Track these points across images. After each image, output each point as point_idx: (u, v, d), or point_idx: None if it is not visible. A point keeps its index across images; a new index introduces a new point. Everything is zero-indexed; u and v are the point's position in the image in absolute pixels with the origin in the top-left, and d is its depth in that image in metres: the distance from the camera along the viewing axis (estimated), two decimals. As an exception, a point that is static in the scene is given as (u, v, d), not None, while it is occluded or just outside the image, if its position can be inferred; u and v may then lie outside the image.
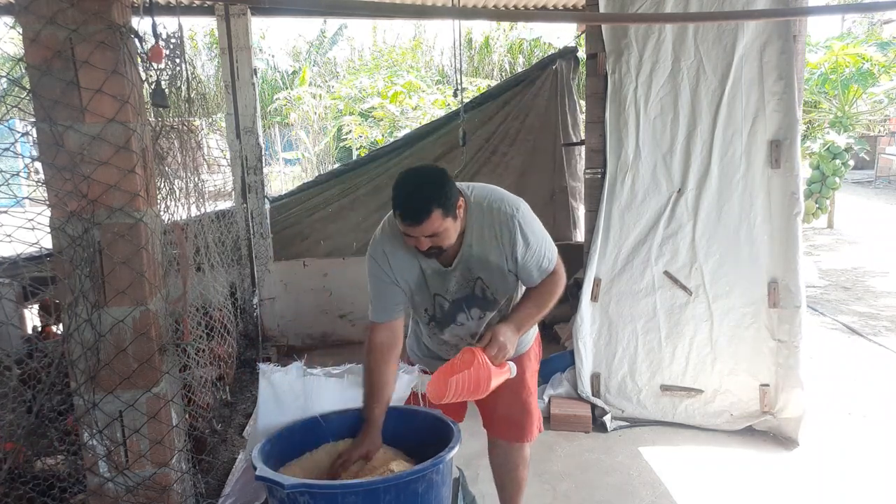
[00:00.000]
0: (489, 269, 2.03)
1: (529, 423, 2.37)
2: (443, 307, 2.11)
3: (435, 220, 1.83)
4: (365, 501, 1.56)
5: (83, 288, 1.82)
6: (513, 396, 2.29)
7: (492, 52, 15.02)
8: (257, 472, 1.62)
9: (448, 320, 2.14)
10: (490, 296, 2.08)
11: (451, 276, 2.04)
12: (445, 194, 1.85)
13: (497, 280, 2.06)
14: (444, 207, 1.84)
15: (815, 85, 9.96)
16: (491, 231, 1.99)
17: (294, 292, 5.26)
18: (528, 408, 2.35)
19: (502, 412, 2.33)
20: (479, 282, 2.05)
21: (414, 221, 1.83)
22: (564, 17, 6.04)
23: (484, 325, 2.14)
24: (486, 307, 2.12)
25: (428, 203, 1.82)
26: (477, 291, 2.07)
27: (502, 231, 1.98)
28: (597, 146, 3.69)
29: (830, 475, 3.17)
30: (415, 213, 1.83)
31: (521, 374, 2.24)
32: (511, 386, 2.17)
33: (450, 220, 1.88)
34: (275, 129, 16.21)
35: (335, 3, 3.14)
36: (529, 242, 2.00)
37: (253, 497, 2.00)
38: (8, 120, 1.94)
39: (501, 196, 2.05)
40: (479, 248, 2.01)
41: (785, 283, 3.45)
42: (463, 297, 2.08)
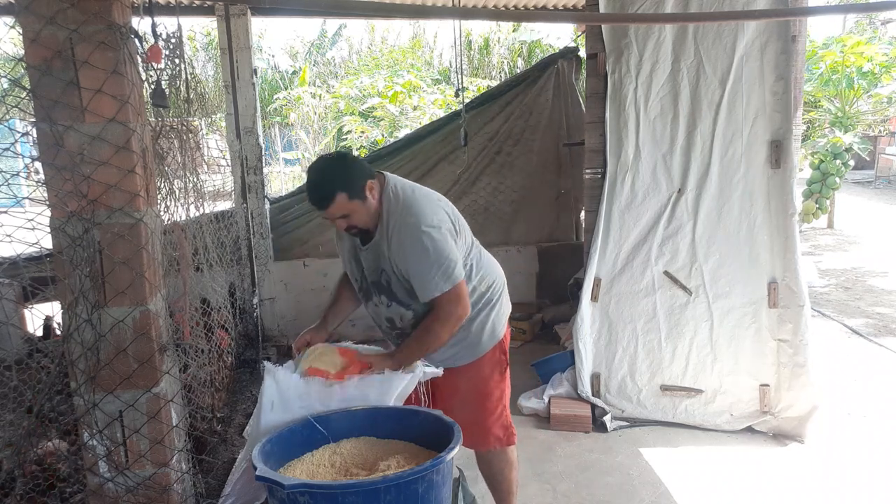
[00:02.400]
0: (389, 263, 2.11)
1: (482, 432, 2.37)
2: (365, 282, 2.23)
3: (339, 203, 2.00)
4: (365, 501, 1.55)
5: (83, 288, 1.82)
6: (462, 403, 2.31)
7: (491, 54, 15.02)
8: (257, 472, 1.62)
9: (368, 296, 2.25)
10: (393, 289, 2.15)
11: (366, 255, 2.17)
12: (348, 179, 2.01)
13: (394, 278, 2.12)
14: (347, 191, 1.99)
15: (819, 84, 9.95)
16: (396, 228, 2.08)
17: (294, 292, 5.26)
18: (480, 416, 2.35)
19: (455, 416, 2.31)
20: (384, 273, 2.15)
21: (320, 206, 2.02)
22: (564, 18, 6.03)
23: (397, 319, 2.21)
24: (392, 298, 2.18)
25: (330, 189, 1.99)
26: (382, 281, 2.16)
27: (401, 234, 2.06)
28: (597, 146, 3.69)
29: (831, 475, 3.17)
30: (320, 199, 2.02)
31: (476, 379, 2.33)
32: (462, 392, 2.32)
33: (357, 203, 2.02)
34: (275, 129, 16.20)
35: (335, 3, 3.14)
36: (417, 254, 2.03)
37: (253, 497, 2.00)
38: (8, 120, 1.94)
39: (414, 202, 2.10)
40: (382, 241, 2.11)
41: (786, 282, 3.45)
42: (373, 281, 2.19)
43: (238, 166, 4.89)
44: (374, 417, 1.99)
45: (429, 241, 2.04)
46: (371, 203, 2.07)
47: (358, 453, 1.90)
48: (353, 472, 1.81)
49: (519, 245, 5.59)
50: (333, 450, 1.91)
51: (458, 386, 2.32)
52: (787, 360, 3.48)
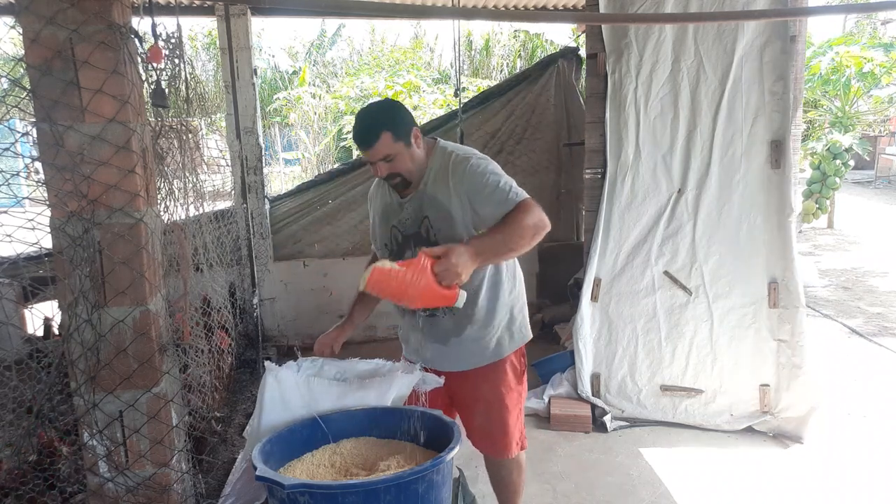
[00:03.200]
0: (437, 208, 2.08)
1: (505, 441, 2.32)
2: (397, 239, 2.18)
3: (384, 142, 1.97)
4: (365, 501, 1.55)
5: (83, 288, 1.82)
6: (486, 409, 2.27)
7: (492, 55, 15.02)
8: (257, 472, 1.62)
9: (399, 254, 2.19)
10: (433, 237, 2.10)
11: (405, 207, 2.14)
12: (394, 119, 2.01)
13: (443, 223, 2.08)
14: (393, 131, 1.98)
15: (818, 85, 9.95)
16: (445, 172, 2.07)
17: (294, 292, 5.26)
18: (504, 425, 2.29)
19: (477, 423, 2.32)
20: (426, 221, 2.10)
21: (365, 144, 2.00)
22: (564, 18, 6.04)
23: None
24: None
25: (376, 126, 1.98)
26: (422, 231, 2.12)
27: (454, 171, 2.05)
28: (597, 146, 3.69)
29: (830, 475, 3.17)
30: (365, 135, 1.99)
31: (496, 386, 2.25)
32: (485, 398, 2.26)
33: (401, 145, 2.00)
34: (275, 129, 16.20)
35: (335, 3, 3.14)
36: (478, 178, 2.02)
37: (253, 497, 2.00)
38: (8, 120, 1.94)
39: (469, 149, 2.15)
40: (433, 186, 2.08)
41: (784, 282, 3.45)
42: (412, 233, 2.14)
43: (238, 166, 4.89)
44: (374, 417, 1.99)
45: (492, 165, 2.08)
46: (415, 151, 2.05)
47: (358, 453, 1.90)
48: (353, 472, 1.81)
49: (519, 245, 5.58)
50: (333, 450, 1.90)
51: (481, 392, 2.26)
52: (786, 361, 3.48)
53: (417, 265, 1.78)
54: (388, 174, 2.05)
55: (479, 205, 2.03)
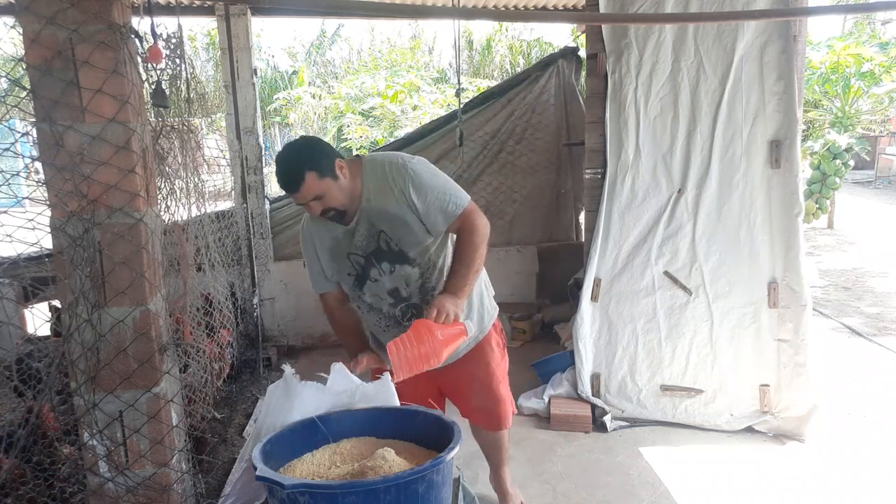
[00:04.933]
0: (389, 219, 2.11)
1: (502, 411, 2.48)
2: (359, 263, 2.21)
3: (310, 183, 2.00)
4: (365, 501, 1.55)
5: (83, 288, 1.82)
6: (481, 387, 2.39)
7: (493, 54, 15.02)
8: (257, 472, 1.62)
9: (364, 276, 2.22)
10: (395, 247, 2.14)
11: (356, 232, 2.16)
12: (315, 158, 2.02)
13: (400, 230, 2.12)
14: (317, 170, 2.00)
15: (815, 83, 9.95)
16: (385, 182, 2.10)
17: (294, 292, 5.26)
18: (498, 396, 2.44)
19: (476, 404, 2.45)
20: (383, 234, 2.14)
21: (292, 189, 2.03)
22: (564, 18, 6.04)
23: (403, 286, 2.20)
24: (395, 260, 2.17)
25: (299, 169, 2.00)
26: (381, 244, 2.15)
27: (395, 179, 2.09)
28: (597, 146, 3.69)
29: (831, 475, 3.17)
30: (290, 181, 2.02)
31: (484, 364, 2.38)
32: (478, 377, 2.38)
33: (328, 182, 2.03)
34: (275, 129, 16.21)
35: (335, 3, 3.14)
36: (420, 184, 2.08)
37: (253, 497, 1.99)
38: (8, 120, 1.94)
39: (396, 154, 2.19)
40: (376, 200, 2.11)
41: (786, 282, 3.45)
42: (371, 251, 2.17)
43: (238, 166, 4.88)
44: (375, 417, 1.99)
45: (429, 166, 2.15)
46: (343, 182, 2.07)
47: (358, 453, 1.90)
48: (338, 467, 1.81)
49: (519, 245, 5.59)
50: (333, 450, 1.91)
51: (474, 373, 2.37)
52: (787, 360, 3.48)
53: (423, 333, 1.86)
54: (322, 210, 2.08)
55: (425, 211, 2.11)
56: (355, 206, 2.13)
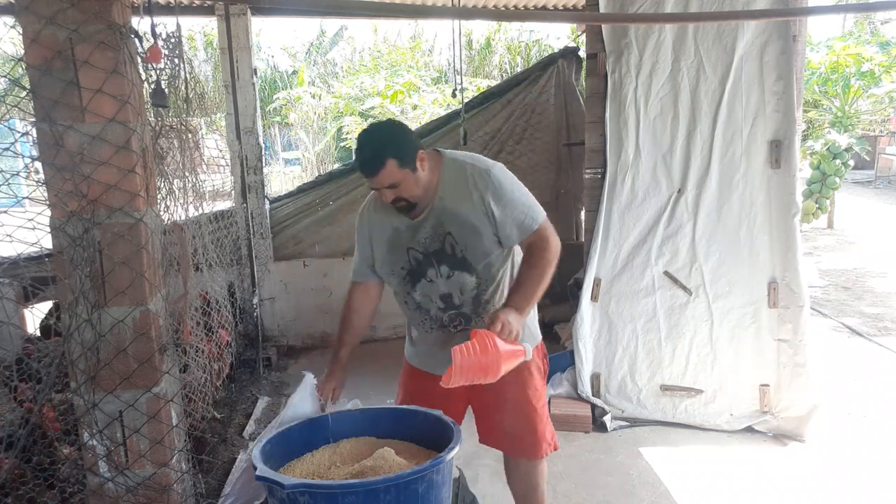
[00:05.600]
0: (460, 222, 2.03)
1: (535, 440, 2.25)
2: (417, 259, 2.11)
3: (390, 170, 1.92)
4: (365, 501, 1.55)
5: (83, 288, 1.82)
6: (515, 410, 2.21)
7: (493, 53, 15.02)
8: (257, 472, 1.62)
9: (419, 274, 2.12)
10: (459, 253, 2.05)
11: (421, 227, 2.07)
12: (399, 145, 1.94)
13: (468, 236, 2.04)
14: (398, 157, 1.92)
15: (815, 83, 9.96)
16: (464, 184, 2.02)
17: (294, 292, 5.26)
18: (533, 424, 2.23)
19: (508, 428, 2.24)
20: (449, 237, 2.05)
21: (369, 173, 1.95)
22: (564, 17, 6.04)
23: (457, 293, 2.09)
24: (456, 266, 2.07)
25: (380, 154, 1.92)
26: (446, 247, 2.06)
27: (476, 183, 2.01)
28: (597, 146, 3.69)
29: (830, 475, 3.17)
30: (369, 164, 1.94)
31: (522, 387, 2.19)
32: (513, 399, 2.18)
33: (407, 172, 1.95)
34: (275, 129, 16.21)
35: (335, 3, 3.14)
36: (502, 194, 2.01)
37: (253, 497, 2.00)
38: (8, 120, 1.94)
39: (479, 157, 2.12)
40: (451, 200, 2.03)
41: (786, 282, 3.45)
42: (433, 251, 2.08)
43: (238, 166, 4.88)
44: (374, 417, 1.99)
45: (511, 176, 2.07)
46: (421, 175, 1.99)
47: (358, 453, 1.90)
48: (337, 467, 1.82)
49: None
50: (333, 450, 1.91)
51: (507, 394, 2.17)
52: (786, 360, 3.48)
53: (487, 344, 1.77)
54: (394, 199, 2.00)
55: (501, 222, 2.02)
56: (427, 202, 2.05)
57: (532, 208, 2.05)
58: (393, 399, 2.43)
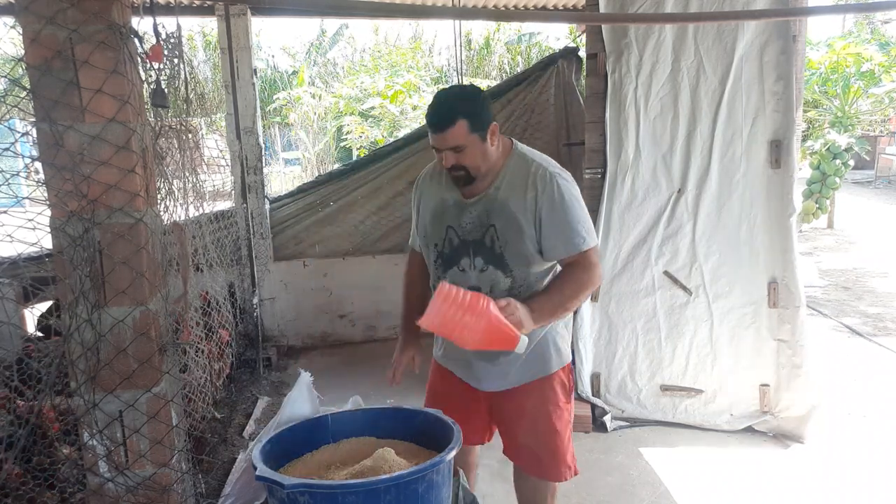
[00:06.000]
0: (506, 217, 1.95)
1: (554, 462, 2.17)
2: (452, 243, 2.03)
3: (459, 130, 1.86)
4: (365, 501, 1.55)
5: (83, 288, 1.82)
6: (531, 424, 2.12)
7: (492, 53, 15.02)
8: (257, 472, 1.62)
9: (453, 260, 2.03)
10: (498, 249, 1.96)
11: (468, 210, 2.00)
12: (474, 108, 1.88)
13: (511, 234, 1.95)
14: (470, 119, 1.86)
15: (815, 83, 9.96)
16: (523, 181, 1.95)
17: (294, 292, 5.26)
18: (551, 443, 2.15)
19: (523, 442, 2.17)
20: (492, 230, 1.97)
21: (438, 129, 1.88)
22: (564, 17, 6.04)
23: (487, 289, 1.99)
24: (491, 261, 1.98)
25: (453, 112, 1.86)
26: (486, 239, 1.98)
27: (535, 183, 1.94)
28: (597, 146, 3.69)
29: (830, 475, 3.17)
30: (440, 118, 1.88)
31: (542, 401, 2.11)
32: (531, 412, 2.11)
33: (476, 138, 1.88)
34: (275, 129, 16.21)
35: (335, 3, 3.14)
36: (558, 204, 1.92)
37: (253, 497, 2.00)
38: (8, 120, 1.94)
39: (550, 160, 2.04)
40: (505, 192, 1.96)
41: (785, 282, 3.45)
42: (472, 240, 2.00)
43: (238, 166, 4.88)
44: (374, 417, 1.99)
45: (575, 190, 1.98)
46: (489, 148, 1.92)
47: (358, 453, 1.90)
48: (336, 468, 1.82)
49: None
50: (333, 450, 1.91)
51: (525, 406, 2.10)
52: (785, 361, 3.48)
53: (479, 305, 1.69)
54: (454, 165, 1.92)
55: (547, 232, 1.94)
56: (484, 186, 1.98)
57: (585, 230, 1.95)
58: (393, 399, 2.43)
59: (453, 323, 1.71)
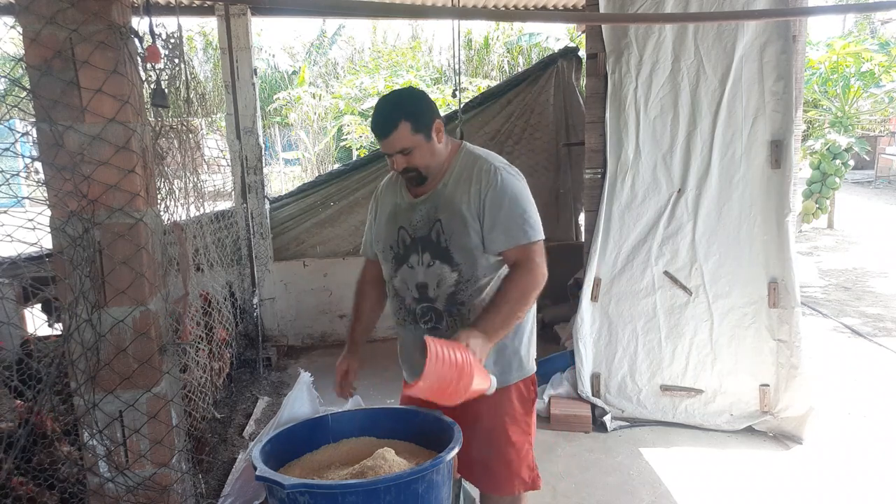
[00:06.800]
0: (451, 210, 1.95)
1: (507, 475, 2.07)
2: (405, 242, 2.04)
3: (402, 133, 1.88)
4: (365, 501, 1.55)
5: (83, 288, 1.82)
6: (487, 438, 2.01)
7: (491, 53, 15.02)
8: (257, 472, 1.62)
9: (403, 258, 2.04)
10: (444, 243, 1.96)
11: (418, 209, 2.01)
12: (415, 109, 1.90)
13: (456, 226, 1.94)
14: (412, 121, 1.88)
15: (815, 83, 9.96)
16: (469, 175, 1.97)
17: (294, 292, 5.26)
18: (505, 456, 2.05)
19: (476, 455, 2.03)
20: (438, 224, 1.97)
21: (381, 134, 1.90)
22: (564, 17, 6.04)
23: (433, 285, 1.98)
24: (438, 255, 1.97)
25: (394, 116, 1.88)
26: (433, 234, 1.98)
27: (479, 176, 1.95)
28: (597, 146, 3.69)
29: (830, 475, 3.17)
30: (382, 125, 1.90)
31: (497, 414, 2.03)
32: (485, 427, 2.01)
33: (420, 138, 1.90)
34: (275, 129, 16.21)
35: (335, 3, 3.14)
36: (500, 196, 1.92)
37: (253, 497, 2.00)
38: (8, 120, 1.94)
39: (496, 156, 2.05)
40: (451, 187, 1.98)
41: (784, 283, 3.45)
42: (421, 236, 2.00)
43: (238, 166, 4.88)
44: (374, 417, 1.99)
45: (520, 184, 1.98)
46: (436, 146, 1.94)
47: (357, 453, 1.90)
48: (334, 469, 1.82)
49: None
50: (333, 450, 1.91)
51: (480, 414, 2.00)
52: (785, 361, 3.49)
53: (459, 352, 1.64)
54: (405, 168, 1.94)
55: (490, 223, 1.93)
56: (434, 183, 2.00)
57: (529, 223, 1.94)
58: (393, 399, 2.43)
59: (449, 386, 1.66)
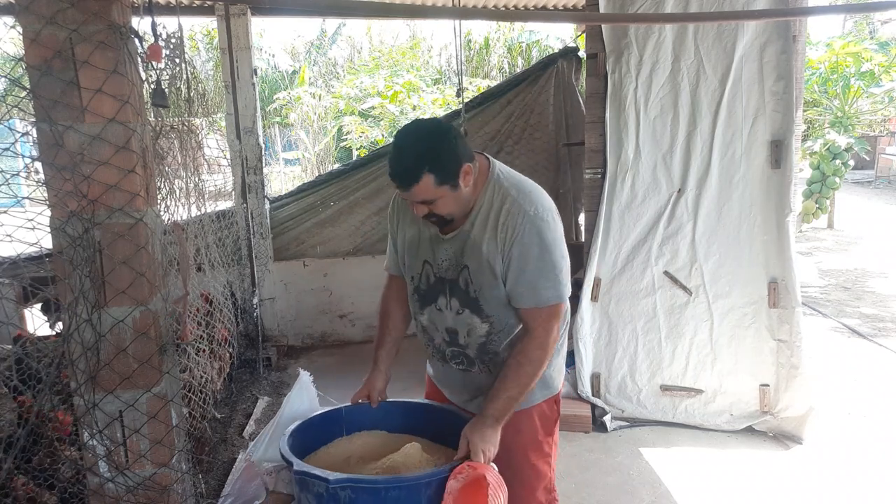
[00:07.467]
0: (478, 259, 1.77)
1: (522, 497, 1.94)
2: (429, 279, 1.87)
3: (425, 186, 1.66)
4: (408, 495, 1.59)
5: (83, 288, 1.81)
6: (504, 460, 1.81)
7: (491, 53, 15.02)
8: (295, 468, 1.63)
9: (430, 297, 1.89)
10: (473, 293, 1.80)
11: (444, 247, 1.82)
12: (441, 158, 1.66)
13: (483, 278, 1.78)
14: (437, 173, 1.65)
15: (815, 83, 9.96)
16: (497, 218, 1.75)
17: (294, 292, 5.26)
18: (523, 477, 1.95)
19: None
20: (466, 271, 1.80)
21: (402, 185, 1.69)
22: (564, 17, 6.04)
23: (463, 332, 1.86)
24: (467, 304, 1.83)
25: (417, 166, 1.65)
26: (461, 281, 1.81)
27: (507, 224, 1.74)
28: (597, 146, 3.69)
29: (830, 475, 3.17)
30: (403, 175, 1.68)
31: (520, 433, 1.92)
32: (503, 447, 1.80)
33: (446, 189, 1.68)
34: (275, 129, 16.20)
35: (335, 3, 3.13)
36: (529, 252, 1.73)
37: (253, 497, 2.00)
38: (8, 120, 1.94)
39: (530, 190, 1.82)
40: (478, 230, 1.77)
41: (784, 283, 3.45)
42: (449, 279, 1.83)
43: (238, 166, 4.88)
44: (388, 411, 2.02)
45: (551, 235, 1.75)
46: (462, 193, 1.72)
47: (371, 447, 1.93)
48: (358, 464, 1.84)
49: (519, 245, 5.58)
50: (347, 443, 1.94)
51: (503, 438, 1.84)
52: (785, 361, 3.49)
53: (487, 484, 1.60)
54: (427, 214, 1.75)
55: (514, 278, 1.75)
56: (460, 222, 1.79)
57: (558, 280, 1.76)
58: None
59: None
